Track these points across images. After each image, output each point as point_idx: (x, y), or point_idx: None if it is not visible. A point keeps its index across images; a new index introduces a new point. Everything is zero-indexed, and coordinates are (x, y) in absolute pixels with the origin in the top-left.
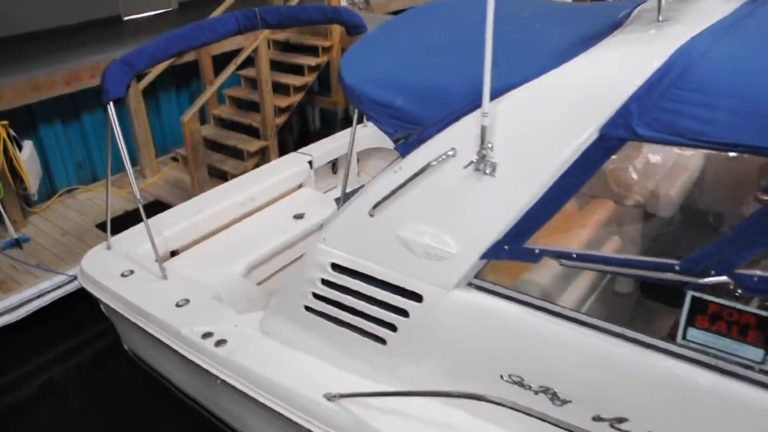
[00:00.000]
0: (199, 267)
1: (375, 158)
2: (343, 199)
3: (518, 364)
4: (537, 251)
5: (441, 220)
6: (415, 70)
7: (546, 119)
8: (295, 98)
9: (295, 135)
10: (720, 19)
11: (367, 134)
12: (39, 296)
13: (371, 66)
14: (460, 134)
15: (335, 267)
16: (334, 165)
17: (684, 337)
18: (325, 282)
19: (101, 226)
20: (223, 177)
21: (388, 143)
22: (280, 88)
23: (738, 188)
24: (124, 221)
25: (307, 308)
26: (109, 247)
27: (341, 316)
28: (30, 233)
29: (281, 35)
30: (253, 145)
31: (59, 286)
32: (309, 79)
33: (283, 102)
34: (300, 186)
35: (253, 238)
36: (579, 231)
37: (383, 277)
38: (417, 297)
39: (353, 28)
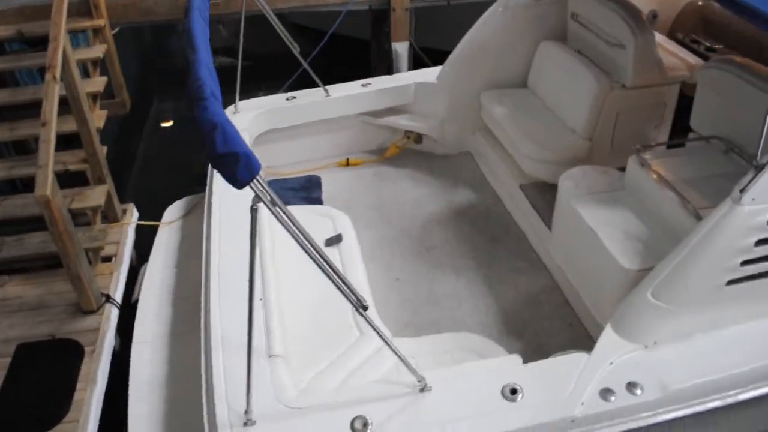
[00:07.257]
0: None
1: (269, 143)
2: (762, 151)
3: None
4: None
5: None
6: None
7: None
8: (102, 112)
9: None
10: None
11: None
12: None
13: None
14: None
15: None
16: None
17: None
18: (760, 242)
19: None
20: None
21: (277, 123)
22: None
23: None
24: None
25: (731, 281)
26: None
27: None
28: None
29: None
30: (90, 197)
31: None
32: (102, 78)
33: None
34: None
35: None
36: None
37: None
38: None
39: None
